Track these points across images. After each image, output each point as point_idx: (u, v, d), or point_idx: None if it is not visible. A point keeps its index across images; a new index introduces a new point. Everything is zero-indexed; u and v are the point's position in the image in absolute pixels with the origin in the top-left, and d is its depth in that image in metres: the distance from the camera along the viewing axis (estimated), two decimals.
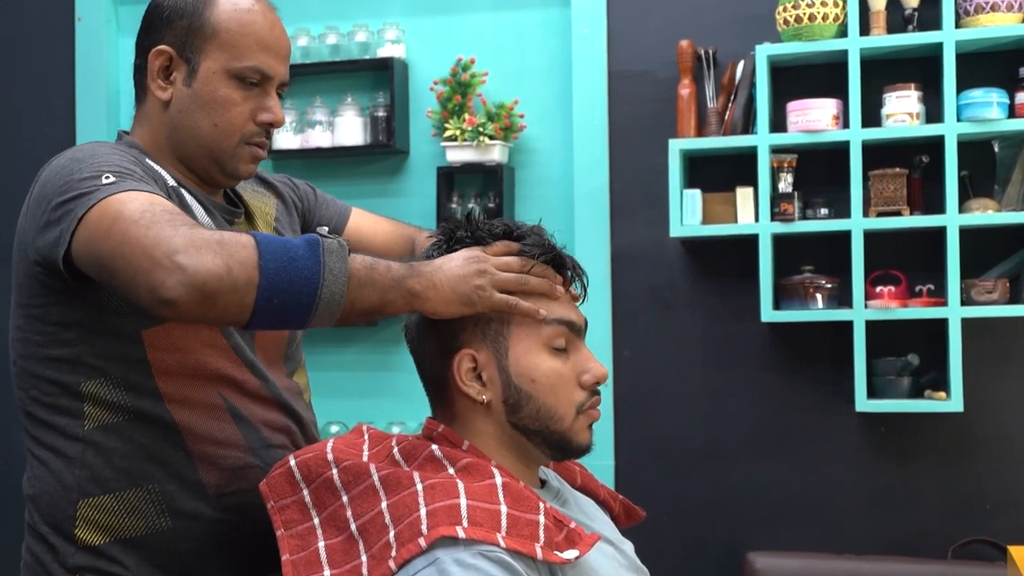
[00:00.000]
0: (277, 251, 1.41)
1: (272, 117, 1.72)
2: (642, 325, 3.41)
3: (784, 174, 3.16)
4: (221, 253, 1.37)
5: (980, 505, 3.20)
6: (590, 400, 1.54)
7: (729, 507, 3.34)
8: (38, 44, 3.89)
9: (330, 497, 1.46)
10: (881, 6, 3.14)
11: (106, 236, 1.43)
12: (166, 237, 1.38)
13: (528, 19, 3.58)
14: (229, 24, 1.67)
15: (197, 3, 1.68)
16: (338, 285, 1.43)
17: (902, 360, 3.10)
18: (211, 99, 1.68)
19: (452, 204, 3.51)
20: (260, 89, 1.70)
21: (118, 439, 1.62)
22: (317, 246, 1.43)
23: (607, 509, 1.73)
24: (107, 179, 1.50)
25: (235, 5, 1.69)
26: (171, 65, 1.69)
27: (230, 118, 1.69)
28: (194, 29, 1.67)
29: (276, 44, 1.72)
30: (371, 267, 1.47)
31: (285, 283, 1.40)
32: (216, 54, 1.67)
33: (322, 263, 1.42)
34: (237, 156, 1.71)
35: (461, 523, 1.31)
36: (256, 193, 1.90)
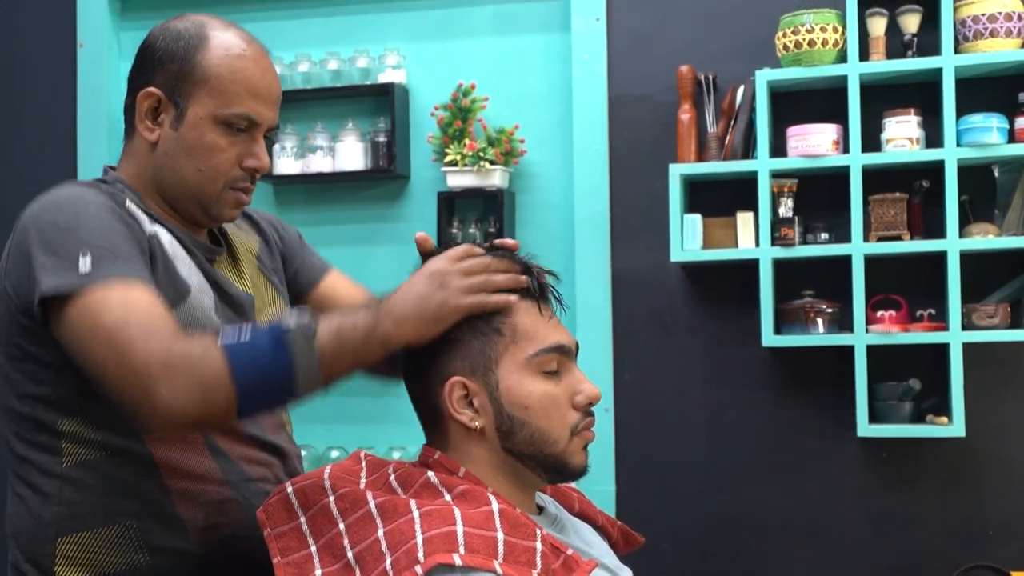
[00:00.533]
0: (247, 361, 1.45)
1: (258, 163, 1.72)
2: (643, 349, 3.40)
3: (784, 199, 3.17)
4: (194, 380, 1.43)
5: (983, 531, 3.18)
6: (584, 421, 1.53)
7: (730, 533, 3.33)
8: (40, 70, 3.90)
9: (327, 524, 1.46)
10: (880, 32, 3.15)
11: (84, 347, 1.49)
12: (143, 369, 1.43)
13: (528, 44, 3.59)
14: (219, 70, 1.66)
15: (188, 47, 1.68)
16: (312, 371, 1.47)
17: (903, 385, 3.09)
18: (197, 144, 1.67)
19: (453, 229, 3.51)
20: (247, 135, 1.70)
21: (95, 476, 1.61)
22: (284, 340, 1.46)
23: (605, 535, 1.72)
24: (84, 263, 1.50)
25: (227, 50, 1.68)
26: (159, 107, 1.69)
27: (216, 164, 1.68)
28: (184, 73, 1.67)
29: (266, 90, 1.71)
30: (338, 334, 1.49)
31: (262, 389, 1.47)
32: (205, 100, 1.66)
33: (292, 358, 1.46)
34: (222, 201, 1.71)
35: (458, 550, 1.31)
36: (240, 230, 1.89)
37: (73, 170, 3.78)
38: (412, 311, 1.50)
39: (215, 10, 3.76)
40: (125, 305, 1.47)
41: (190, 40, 1.68)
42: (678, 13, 3.42)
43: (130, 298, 1.49)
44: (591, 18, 3.46)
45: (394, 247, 3.64)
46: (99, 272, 1.49)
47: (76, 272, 1.49)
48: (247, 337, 1.48)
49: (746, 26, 3.34)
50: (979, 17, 3.04)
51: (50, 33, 3.87)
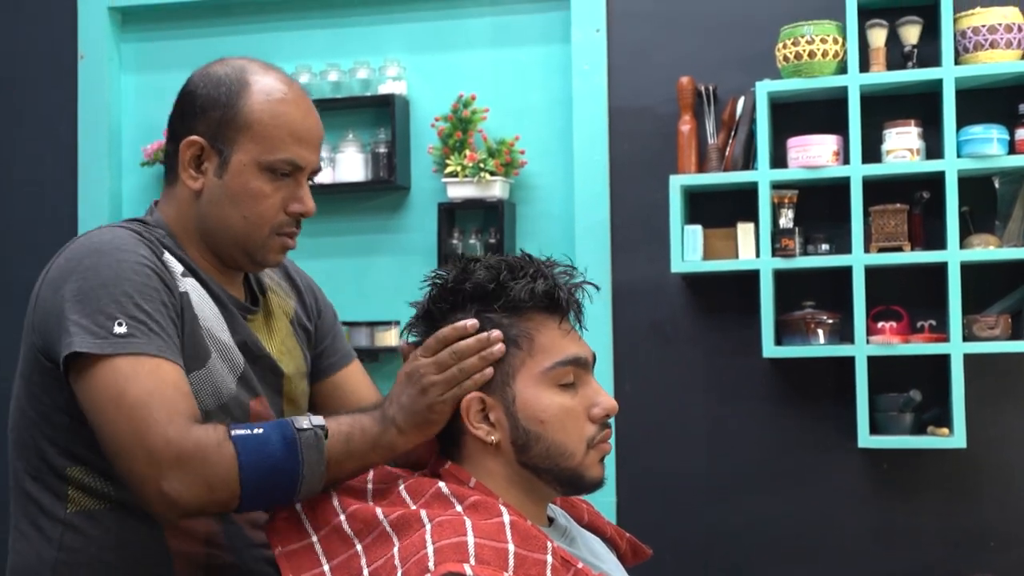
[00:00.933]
0: (257, 461, 1.46)
1: (303, 208, 1.70)
2: (643, 360, 3.40)
3: (785, 210, 3.17)
4: (204, 475, 1.44)
5: (984, 542, 3.18)
6: (600, 434, 1.53)
7: (731, 544, 3.32)
8: (41, 81, 3.90)
9: (342, 546, 1.46)
10: (881, 43, 3.15)
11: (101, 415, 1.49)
12: (156, 457, 1.44)
13: (529, 56, 3.60)
14: (262, 116, 1.65)
15: (231, 94, 1.65)
16: (316, 476, 1.49)
17: (904, 396, 3.09)
18: (242, 191, 1.66)
19: (453, 240, 3.51)
20: (291, 179, 1.68)
21: (98, 527, 1.61)
22: (295, 445, 1.47)
23: (614, 547, 1.72)
24: (119, 327, 1.50)
25: (268, 96, 1.66)
26: (203, 155, 1.66)
27: (261, 211, 1.67)
28: (227, 120, 1.65)
29: (308, 134, 1.69)
30: (347, 440, 1.51)
31: (266, 489, 1.48)
32: (248, 146, 1.65)
33: (301, 462, 1.47)
34: (267, 247, 1.69)
35: (468, 560, 1.31)
36: (279, 288, 1.87)
37: (73, 181, 3.78)
38: (407, 420, 1.51)
39: (217, 24, 3.82)
40: (153, 381, 1.48)
41: (231, 86, 1.66)
42: (678, 24, 3.42)
43: (159, 375, 1.49)
44: (591, 29, 3.46)
45: (394, 258, 3.64)
46: (132, 342, 1.49)
47: (110, 336, 1.49)
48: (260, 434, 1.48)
49: (746, 37, 3.35)
50: (979, 28, 3.05)
51: (51, 45, 3.87)
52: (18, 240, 3.82)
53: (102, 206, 3.76)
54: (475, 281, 1.52)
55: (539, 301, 1.52)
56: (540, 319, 1.52)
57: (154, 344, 1.51)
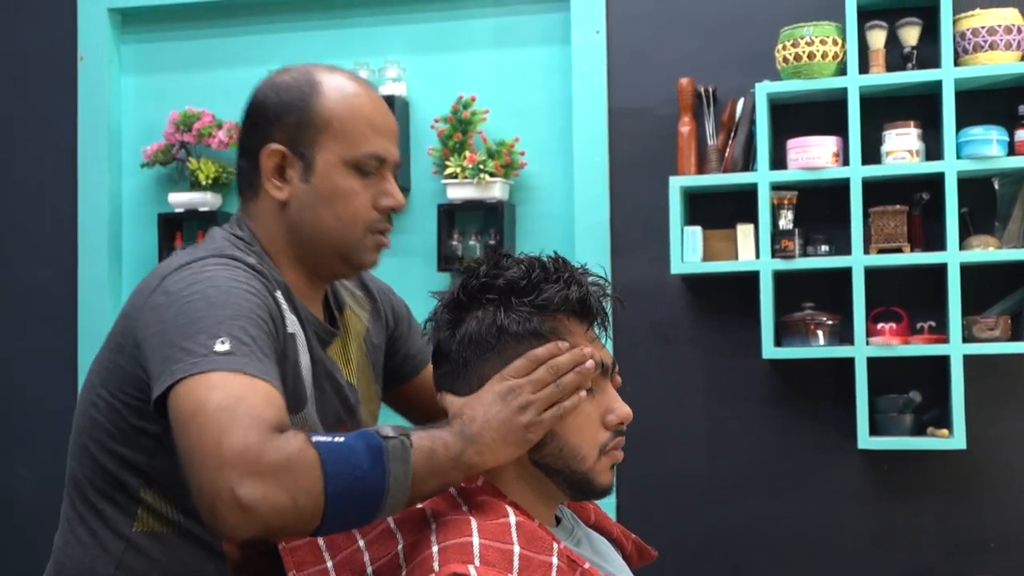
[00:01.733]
0: (342, 470, 1.34)
1: (394, 201, 1.67)
2: (643, 362, 3.40)
3: (784, 211, 3.17)
4: (286, 482, 1.30)
5: (984, 543, 3.18)
6: (614, 441, 1.51)
7: (731, 545, 3.32)
8: (41, 82, 3.90)
9: (345, 541, 1.45)
10: (880, 44, 3.15)
11: (185, 426, 1.36)
12: (232, 460, 1.30)
13: (529, 57, 3.60)
14: (340, 112, 1.63)
15: (303, 95, 1.64)
16: (401, 491, 1.38)
17: (904, 397, 3.10)
18: (332, 192, 1.63)
19: (452, 241, 3.51)
20: (377, 175, 1.66)
21: (162, 550, 1.59)
22: (382, 454, 1.36)
23: (619, 548, 1.72)
24: (222, 344, 1.41)
25: (342, 92, 1.65)
26: (284, 162, 1.64)
27: (354, 209, 1.64)
28: (304, 122, 1.63)
29: (387, 126, 1.68)
30: (430, 456, 1.40)
31: (351, 503, 1.35)
32: (331, 144, 1.63)
33: (387, 473, 1.36)
34: (363, 247, 1.67)
35: (473, 561, 1.31)
36: (355, 299, 1.84)
37: (73, 182, 3.78)
38: (497, 440, 1.43)
39: (217, 25, 3.82)
40: (242, 390, 1.37)
41: (303, 88, 1.65)
42: (678, 26, 3.43)
43: (251, 386, 1.38)
44: (591, 31, 3.46)
45: (395, 260, 3.61)
46: (232, 359, 1.40)
47: (210, 354, 1.40)
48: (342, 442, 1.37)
49: (746, 38, 3.35)
50: (979, 30, 3.05)
51: (51, 46, 3.87)
52: (18, 240, 3.82)
53: (102, 207, 3.76)
54: (508, 277, 1.50)
55: (571, 306, 1.51)
56: (568, 323, 1.52)
57: (254, 365, 1.41)
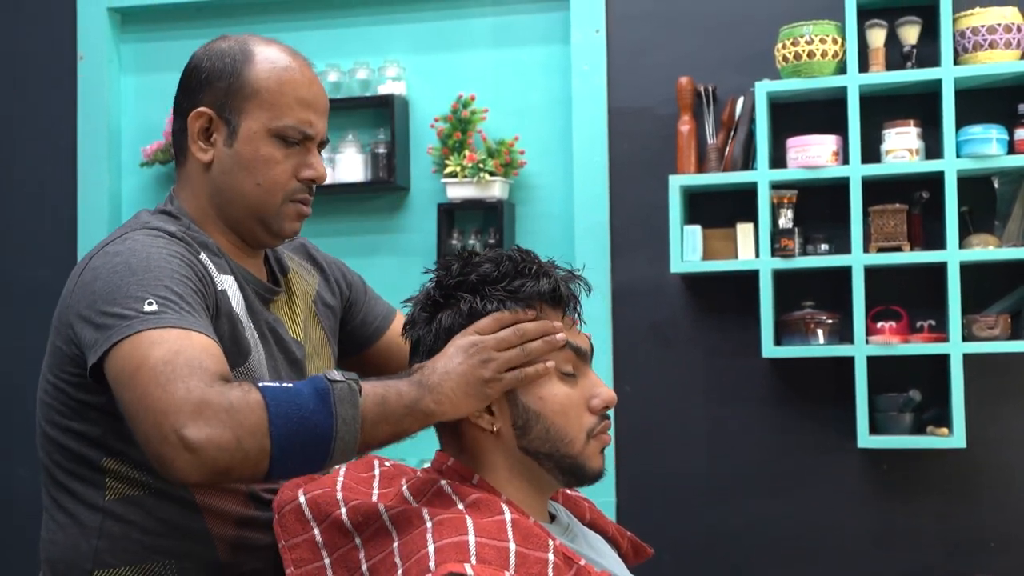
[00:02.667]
0: (288, 411, 1.37)
1: (315, 173, 1.71)
2: (643, 361, 3.40)
3: (784, 210, 3.17)
4: (230, 423, 1.34)
5: (984, 543, 3.18)
6: (600, 424, 1.55)
7: (731, 544, 3.32)
8: (40, 82, 3.90)
9: (341, 539, 1.46)
10: (880, 43, 3.15)
11: (128, 384, 1.40)
12: (176, 405, 1.34)
13: (528, 56, 3.60)
14: (268, 83, 1.67)
15: (235, 63, 1.68)
16: (351, 433, 1.40)
17: (904, 396, 3.10)
18: (253, 158, 1.67)
19: (452, 240, 3.51)
20: (301, 146, 1.70)
21: (138, 512, 1.60)
22: (328, 396, 1.39)
23: (615, 546, 1.72)
24: (149, 306, 1.46)
25: (273, 64, 1.69)
26: (211, 126, 1.68)
27: (273, 176, 1.68)
28: (234, 89, 1.67)
29: (315, 101, 1.71)
30: (382, 402, 1.43)
31: (298, 444, 1.37)
32: (257, 113, 1.67)
33: (335, 415, 1.38)
34: (282, 214, 1.71)
35: (469, 560, 1.31)
36: (302, 268, 1.88)
37: (73, 182, 3.78)
38: (456, 390, 1.45)
39: (217, 24, 3.81)
40: (180, 344, 1.41)
41: (236, 56, 1.68)
42: (678, 25, 3.43)
43: (187, 340, 1.43)
44: (591, 30, 3.46)
45: (394, 259, 3.64)
46: (163, 317, 1.45)
47: (140, 315, 1.45)
48: (289, 387, 1.41)
49: (745, 38, 3.35)
50: (978, 28, 3.05)
51: (50, 45, 3.87)
52: (18, 240, 3.82)
53: (102, 207, 3.76)
54: (481, 272, 1.53)
55: (543, 293, 1.53)
56: (542, 311, 1.53)
57: (186, 320, 1.46)
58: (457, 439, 1.54)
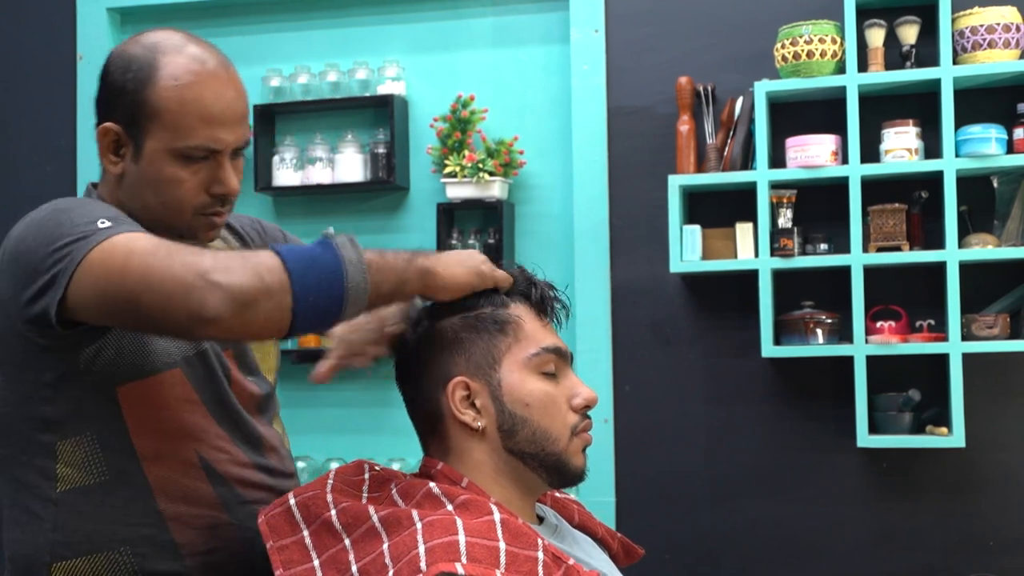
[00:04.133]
0: (298, 254, 1.44)
1: (224, 189, 1.65)
2: (642, 361, 3.40)
3: (783, 209, 3.17)
4: (249, 266, 1.41)
5: (983, 542, 3.18)
6: (583, 423, 1.56)
7: (731, 543, 3.32)
8: (39, 82, 3.90)
9: (331, 540, 1.46)
10: (879, 43, 3.15)
11: (122, 273, 1.43)
12: (192, 262, 1.40)
13: (528, 56, 3.60)
14: (170, 103, 1.59)
15: (137, 80, 1.60)
16: (360, 273, 1.46)
17: (903, 396, 3.10)
18: (157, 178, 1.62)
19: (452, 240, 3.51)
20: (211, 161, 1.63)
21: (89, 502, 1.60)
22: (331, 242, 1.47)
23: (606, 547, 1.73)
24: (103, 223, 1.48)
25: (176, 80, 1.60)
26: (119, 141, 1.63)
27: (178, 196, 1.62)
28: (136, 107, 1.60)
29: (222, 115, 1.62)
30: (381, 253, 1.51)
31: (314, 281, 1.43)
32: (159, 133, 1.60)
33: (341, 257, 1.45)
34: (192, 227, 1.66)
35: (460, 559, 1.31)
36: (223, 241, 1.87)
37: (73, 182, 3.78)
38: (455, 259, 1.56)
39: (216, 24, 3.82)
40: (156, 240, 1.45)
41: (139, 72, 1.61)
42: (677, 25, 3.43)
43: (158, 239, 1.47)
44: (590, 30, 3.47)
45: None
46: (120, 227, 1.48)
47: (97, 231, 1.46)
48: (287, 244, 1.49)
49: (745, 37, 3.35)
50: (977, 28, 3.05)
51: (49, 45, 3.88)
52: None
53: None
54: None
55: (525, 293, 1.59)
56: (525, 313, 1.58)
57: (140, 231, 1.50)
58: (443, 441, 1.56)
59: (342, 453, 3.51)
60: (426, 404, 1.57)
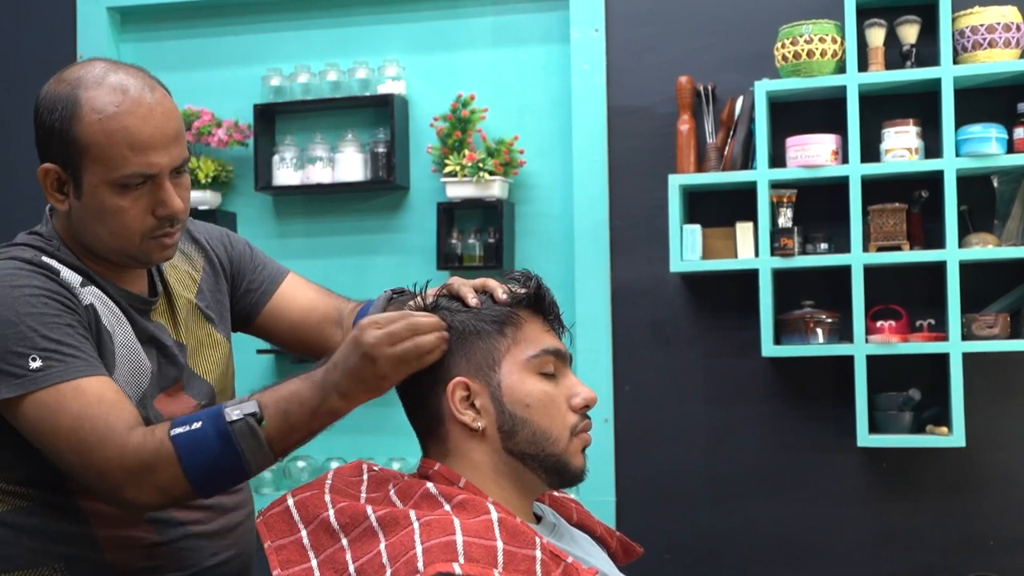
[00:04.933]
0: (199, 461, 1.53)
1: (168, 211, 1.66)
2: (643, 360, 3.40)
3: (784, 209, 3.17)
4: (155, 482, 1.53)
5: (983, 542, 3.18)
6: (582, 423, 1.56)
7: (731, 543, 3.32)
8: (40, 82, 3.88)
9: (328, 540, 1.46)
10: (879, 42, 3.15)
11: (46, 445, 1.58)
12: (104, 471, 1.54)
13: (528, 55, 3.60)
14: (96, 137, 1.60)
15: (63, 119, 1.63)
16: (261, 455, 1.55)
17: (903, 395, 3.10)
18: (100, 210, 1.64)
19: (452, 240, 3.51)
20: (150, 184, 1.64)
21: (26, 522, 1.67)
22: (230, 438, 1.52)
23: (604, 545, 1.72)
24: (34, 363, 1.56)
25: (99, 114, 1.61)
26: (60, 179, 1.66)
27: (124, 223, 1.65)
28: (67, 147, 1.63)
29: (152, 139, 1.62)
30: (285, 417, 1.54)
31: (215, 482, 1.57)
32: (93, 167, 1.62)
33: (240, 451, 1.53)
34: (145, 251, 1.69)
35: (457, 559, 1.31)
36: (183, 256, 1.87)
37: None
38: (353, 386, 1.52)
39: (216, 24, 3.82)
40: (78, 405, 1.55)
41: (64, 111, 1.63)
42: (677, 24, 3.43)
43: (82, 397, 1.55)
44: (590, 29, 3.46)
45: (394, 258, 3.64)
46: (50, 373, 1.56)
47: (28, 373, 1.55)
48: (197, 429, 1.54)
49: (745, 37, 3.35)
50: (978, 28, 3.05)
51: (50, 45, 3.87)
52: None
53: None
54: None
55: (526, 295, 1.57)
56: (526, 315, 1.57)
57: (71, 368, 1.56)
58: (442, 442, 1.55)
59: (342, 453, 3.51)
60: (426, 405, 1.56)
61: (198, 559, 1.75)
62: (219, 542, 1.79)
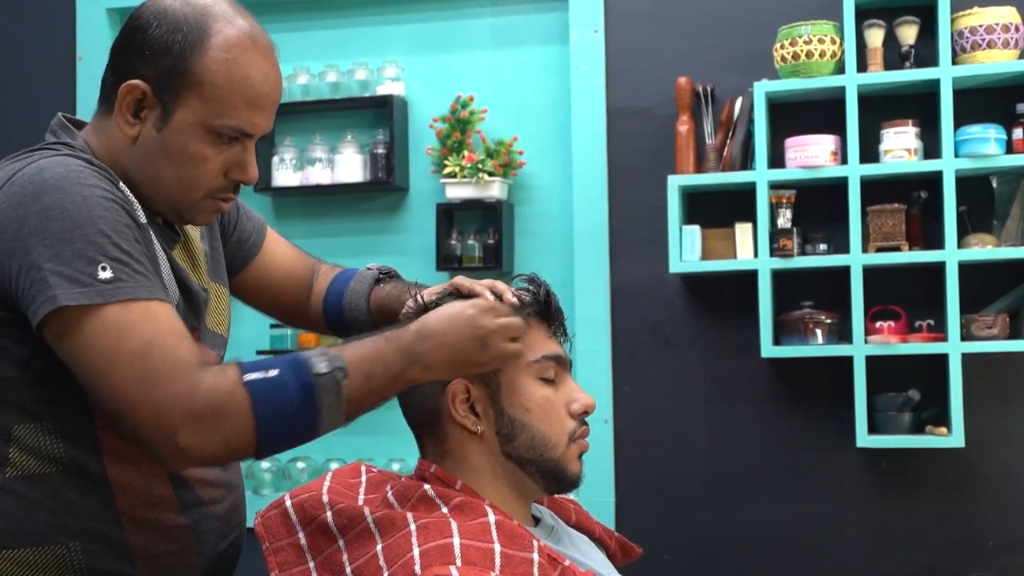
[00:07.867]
0: (274, 411, 1.39)
1: (245, 177, 1.56)
2: (642, 361, 3.40)
3: (783, 210, 3.17)
4: (221, 427, 1.37)
5: (983, 542, 3.18)
6: (580, 429, 1.57)
7: (730, 544, 3.32)
8: (39, 83, 3.90)
9: (325, 541, 1.46)
10: (878, 43, 3.15)
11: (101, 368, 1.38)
12: (166, 409, 1.36)
13: (527, 56, 3.60)
14: (216, 77, 1.49)
15: (186, 43, 1.49)
16: (335, 418, 1.43)
17: (903, 396, 3.10)
18: (180, 152, 1.51)
19: (452, 241, 3.51)
20: (238, 144, 1.54)
21: (41, 491, 1.49)
22: (313, 391, 1.40)
23: (603, 547, 1.73)
24: (103, 271, 1.38)
25: (227, 54, 1.50)
26: (143, 101, 1.51)
27: (198, 174, 1.53)
28: (177, 72, 1.49)
29: (265, 99, 1.54)
30: (368, 378, 1.44)
31: (282, 439, 1.42)
32: (195, 104, 1.49)
33: (319, 408, 1.41)
34: (198, 208, 1.57)
35: (455, 562, 1.31)
36: None
37: None
38: (446, 364, 1.47)
39: None
40: (149, 329, 1.38)
41: (189, 34, 1.49)
42: (676, 25, 3.43)
43: (154, 322, 1.39)
44: (589, 30, 3.47)
45: (393, 259, 3.63)
46: (121, 287, 1.38)
47: (96, 283, 1.37)
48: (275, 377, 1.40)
49: (744, 38, 3.35)
50: (976, 28, 3.05)
51: (49, 46, 3.88)
52: None
53: None
54: None
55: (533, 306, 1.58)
56: (531, 320, 1.58)
57: (142, 286, 1.40)
58: (441, 444, 1.56)
59: (342, 454, 3.51)
60: (425, 407, 1.57)
61: (213, 542, 1.63)
62: (227, 524, 1.67)
